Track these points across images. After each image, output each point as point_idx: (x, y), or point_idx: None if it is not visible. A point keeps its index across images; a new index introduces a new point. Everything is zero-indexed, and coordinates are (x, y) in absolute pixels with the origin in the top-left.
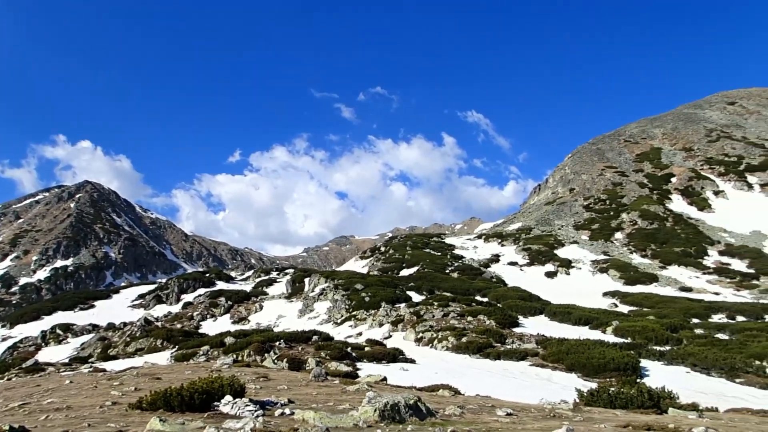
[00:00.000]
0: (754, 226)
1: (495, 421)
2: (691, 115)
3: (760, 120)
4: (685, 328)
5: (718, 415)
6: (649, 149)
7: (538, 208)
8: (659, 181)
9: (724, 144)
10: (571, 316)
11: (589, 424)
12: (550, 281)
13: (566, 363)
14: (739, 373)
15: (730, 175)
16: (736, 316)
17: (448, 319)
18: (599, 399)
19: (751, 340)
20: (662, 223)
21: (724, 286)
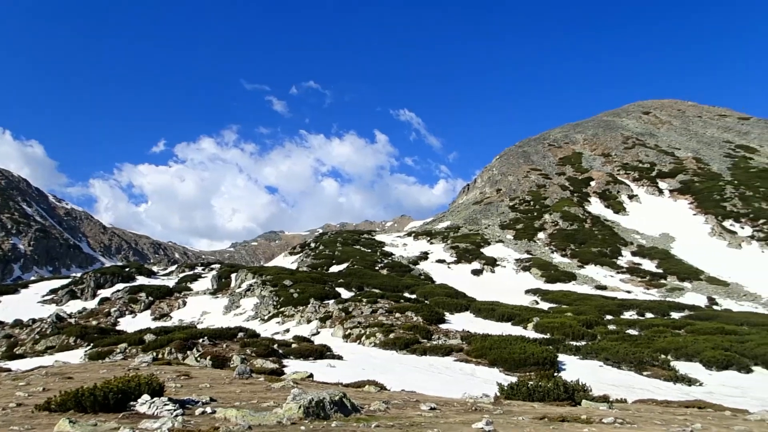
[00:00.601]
0: (663, 229)
1: (419, 415)
2: (610, 122)
3: (671, 130)
4: (600, 324)
5: (626, 406)
6: (571, 153)
7: (466, 208)
8: (580, 185)
9: (638, 151)
10: (495, 312)
11: (508, 417)
12: (476, 279)
13: (489, 358)
14: (646, 366)
15: (643, 181)
16: (646, 312)
17: (377, 316)
18: (519, 392)
19: (658, 336)
20: (581, 225)
21: (635, 285)
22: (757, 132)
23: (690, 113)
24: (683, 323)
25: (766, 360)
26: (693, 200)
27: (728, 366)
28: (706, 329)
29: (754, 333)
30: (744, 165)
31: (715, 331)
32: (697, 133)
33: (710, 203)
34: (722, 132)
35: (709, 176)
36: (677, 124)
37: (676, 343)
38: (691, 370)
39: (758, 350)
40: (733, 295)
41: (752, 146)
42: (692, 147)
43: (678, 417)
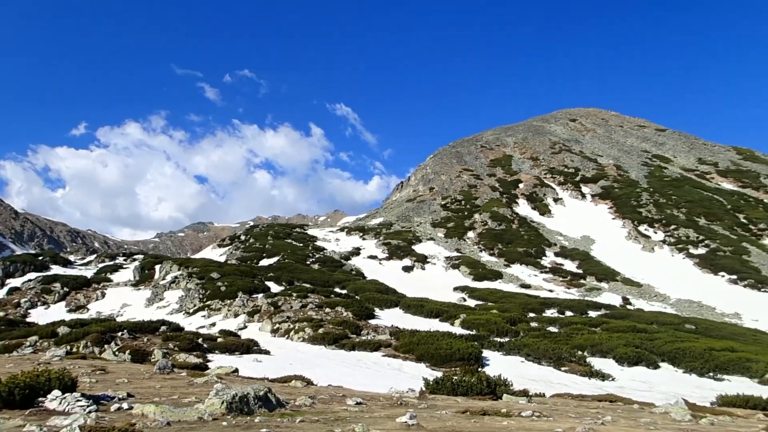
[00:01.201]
0: (584, 232)
1: (344, 410)
2: (539, 127)
3: (595, 138)
4: (523, 321)
5: (544, 400)
6: (502, 156)
7: (399, 205)
8: (509, 186)
9: (564, 156)
10: (424, 308)
11: (432, 411)
12: (406, 275)
13: (416, 353)
14: (564, 362)
15: (568, 185)
16: (566, 311)
17: (306, 311)
18: (443, 387)
19: (576, 333)
20: (509, 225)
21: (557, 284)
22: (672, 143)
23: (612, 122)
24: (599, 321)
25: (672, 357)
26: (612, 205)
27: (638, 362)
28: (620, 327)
29: (662, 331)
30: (659, 174)
31: (628, 329)
32: (618, 142)
33: (628, 209)
34: (641, 142)
35: (627, 183)
36: (601, 132)
37: (592, 341)
38: (605, 365)
39: (665, 348)
40: (645, 295)
41: (667, 156)
42: (613, 155)
43: (591, 410)
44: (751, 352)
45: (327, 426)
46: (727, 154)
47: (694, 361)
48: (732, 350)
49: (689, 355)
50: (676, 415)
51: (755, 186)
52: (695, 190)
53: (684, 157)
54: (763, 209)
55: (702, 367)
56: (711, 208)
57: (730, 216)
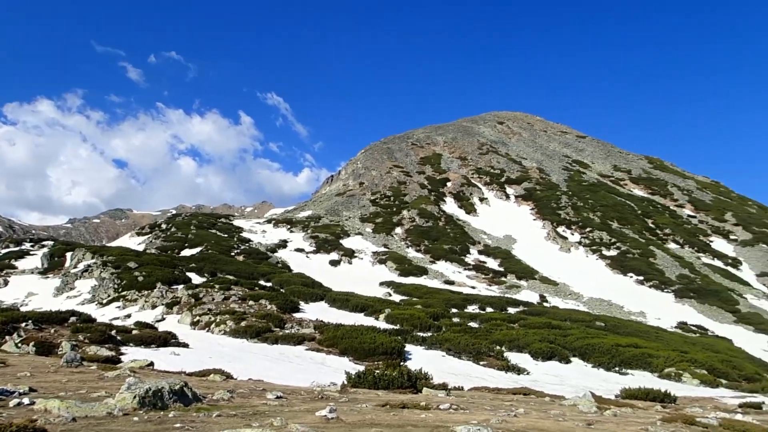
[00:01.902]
0: (507, 231)
1: (264, 404)
2: (468, 128)
3: (520, 141)
4: (446, 316)
5: (462, 393)
6: (432, 154)
7: (329, 198)
8: (437, 184)
9: (491, 158)
10: (350, 303)
11: (353, 405)
12: (333, 269)
13: (340, 347)
14: (483, 356)
15: (493, 185)
16: (486, 307)
17: (229, 303)
18: (365, 381)
19: (495, 329)
20: (436, 222)
21: (479, 281)
22: (591, 150)
23: (537, 127)
24: (518, 318)
25: (582, 352)
26: (534, 206)
27: (552, 357)
28: (536, 324)
29: (574, 328)
30: (578, 178)
31: (544, 325)
32: (542, 146)
33: (548, 210)
34: (562, 147)
35: (548, 186)
36: (526, 136)
37: (510, 336)
38: (522, 360)
39: (577, 343)
40: (560, 293)
41: (586, 162)
42: (537, 158)
43: (505, 403)
44: (653, 348)
45: (245, 420)
46: (639, 162)
47: (602, 357)
48: (636, 346)
49: (598, 350)
50: (583, 407)
51: (663, 194)
52: (610, 195)
53: (601, 164)
54: (669, 215)
55: (609, 362)
56: (623, 213)
57: (639, 221)
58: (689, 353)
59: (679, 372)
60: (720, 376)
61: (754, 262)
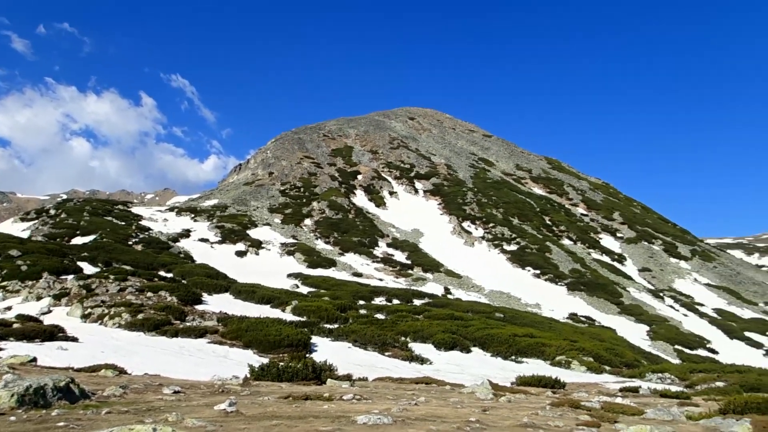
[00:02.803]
0: (415, 225)
1: (159, 399)
2: (380, 122)
3: (430, 137)
4: (353, 308)
5: (367, 383)
6: (344, 146)
7: (236, 187)
8: (348, 177)
9: (402, 152)
10: (256, 294)
11: (254, 398)
12: (240, 260)
13: (244, 340)
14: (389, 347)
15: (403, 180)
16: (393, 299)
17: (125, 295)
18: (269, 373)
19: (401, 320)
20: (346, 215)
21: (387, 274)
22: (496, 149)
23: (447, 125)
24: (423, 309)
25: (482, 342)
26: (441, 201)
27: (454, 347)
28: (440, 315)
29: (475, 319)
30: (483, 176)
31: (447, 317)
32: (450, 143)
33: (454, 206)
34: (469, 145)
35: (455, 182)
36: (435, 133)
37: (415, 327)
38: (425, 350)
39: (477, 334)
40: (464, 286)
41: (491, 160)
42: (445, 155)
43: (408, 392)
44: (546, 338)
45: (137, 417)
46: (539, 162)
47: (500, 346)
48: (531, 336)
49: (497, 340)
50: (480, 394)
51: (560, 193)
52: (512, 193)
53: (505, 162)
54: (564, 213)
55: (506, 351)
56: (524, 210)
57: (538, 218)
58: (578, 342)
59: (569, 360)
60: (604, 363)
61: (636, 258)
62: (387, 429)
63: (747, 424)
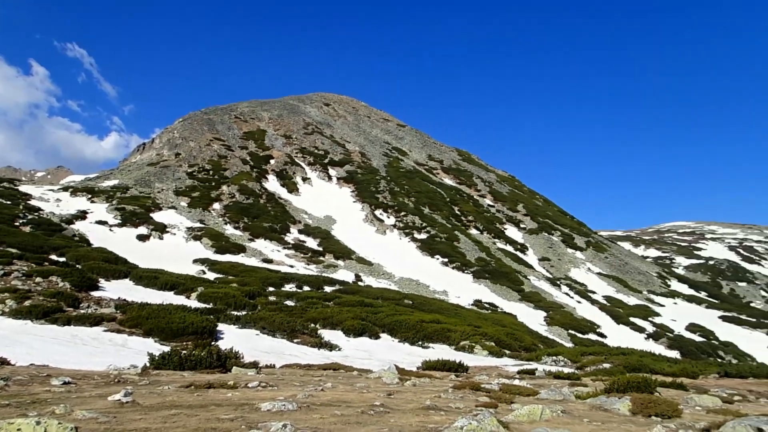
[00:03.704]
0: (327, 212)
1: (47, 391)
2: (294, 107)
3: (345, 124)
4: (262, 295)
5: (273, 370)
6: (256, 130)
7: (139, 168)
8: (260, 161)
9: (316, 138)
10: (158, 280)
11: (154, 387)
12: (142, 244)
13: (145, 328)
14: (297, 334)
15: (316, 166)
16: (304, 286)
17: (10, 279)
18: (170, 362)
19: (311, 307)
20: (257, 200)
21: (298, 260)
22: (409, 139)
23: (362, 112)
24: (333, 296)
25: (391, 328)
26: (355, 189)
27: (363, 333)
28: (350, 302)
29: (385, 306)
30: (396, 165)
31: (357, 303)
32: (365, 131)
33: (367, 193)
34: (384, 134)
35: (369, 170)
36: (350, 120)
37: (324, 314)
38: (335, 336)
39: (386, 320)
40: (374, 273)
41: (404, 150)
42: (360, 142)
43: (315, 378)
44: (452, 324)
45: (20, 410)
46: (450, 154)
47: (408, 332)
48: (438, 322)
49: (405, 326)
50: (386, 379)
51: (469, 184)
52: (424, 183)
53: (417, 153)
54: (472, 204)
55: (414, 337)
56: (434, 200)
57: (448, 207)
58: (481, 328)
59: (472, 345)
60: (505, 347)
61: (537, 248)
62: (292, 415)
63: (627, 402)
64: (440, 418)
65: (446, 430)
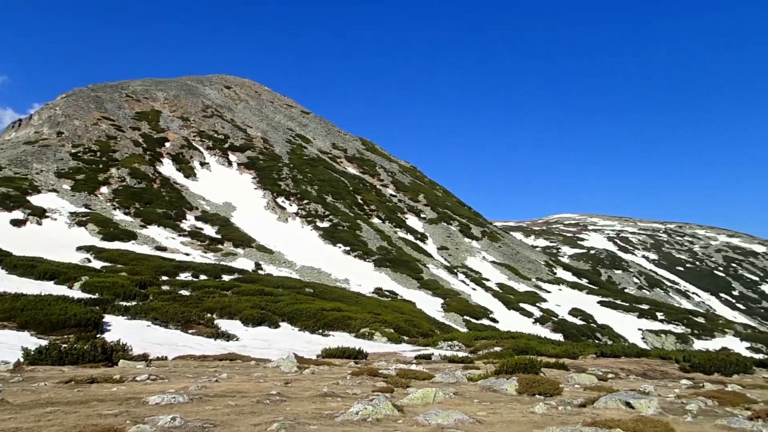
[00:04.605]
0: (227, 198)
1: None
2: (193, 88)
3: (247, 108)
4: (154, 284)
5: (165, 363)
6: (150, 110)
7: (14, 146)
8: (154, 143)
9: (216, 122)
10: (36, 269)
11: (28, 384)
12: (17, 230)
13: (20, 320)
14: (193, 324)
15: (216, 150)
16: (200, 274)
17: None
18: (48, 356)
19: (208, 296)
20: (150, 184)
21: (194, 248)
22: (313, 126)
23: (265, 97)
24: (232, 285)
25: (291, 317)
26: (256, 176)
27: (262, 323)
28: (250, 291)
29: (285, 294)
30: (299, 152)
31: (257, 292)
32: (268, 117)
33: (269, 180)
34: (287, 120)
35: (271, 157)
36: (253, 104)
37: (222, 303)
38: (233, 326)
39: (286, 309)
40: (275, 261)
41: (308, 137)
42: (262, 128)
43: (210, 369)
44: (352, 312)
45: None
46: (354, 143)
47: (308, 320)
48: (339, 310)
49: (305, 315)
50: (285, 368)
51: (372, 173)
52: (327, 171)
53: (321, 141)
54: (375, 194)
55: (314, 325)
56: (337, 188)
57: (351, 196)
58: (381, 315)
59: (372, 332)
60: (404, 333)
61: (436, 237)
62: (182, 408)
63: (514, 382)
64: (337, 404)
65: (342, 416)
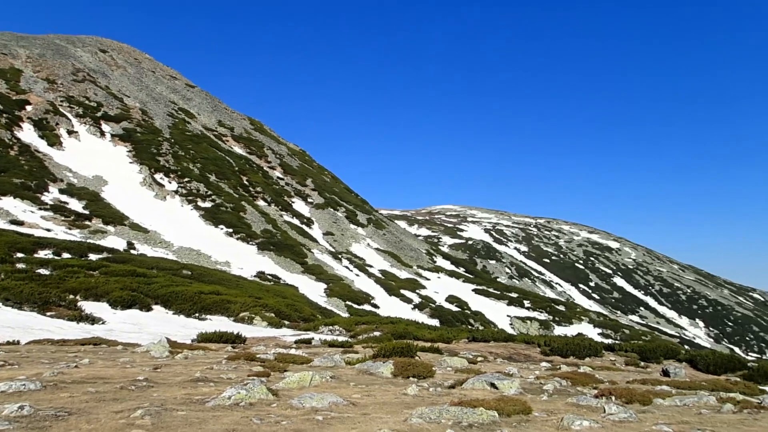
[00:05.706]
0: (98, 171)
1: None
2: (62, 48)
3: (124, 76)
4: (8, 261)
5: (17, 347)
6: (9, 68)
7: None
8: (13, 105)
9: (88, 87)
10: None
11: None
12: None
13: None
14: (52, 306)
15: (87, 119)
16: (63, 252)
17: None
18: None
19: (71, 276)
20: (6, 150)
21: (57, 224)
22: (198, 101)
23: (146, 66)
24: (99, 264)
25: (165, 300)
26: (132, 149)
27: (132, 305)
28: (120, 271)
29: (160, 276)
30: (182, 127)
31: (128, 273)
32: (148, 87)
33: (147, 155)
34: (170, 92)
35: (151, 130)
36: (132, 72)
37: (87, 284)
38: (99, 309)
39: (161, 291)
40: (150, 241)
41: (192, 112)
42: (141, 98)
43: (69, 354)
44: (232, 295)
45: None
46: (242, 122)
47: (184, 304)
48: (218, 293)
49: (181, 298)
50: (155, 353)
51: (259, 154)
52: (212, 149)
53: (207, 117)
54: (261, 175)
55: (191, 309)
56: (222, 168)
57: (236, 177)
58: (263, 299)
59: (252, 316)
60: (285, 318)
61: (322, 222)
62: (33, 395)
63: (390, 365)
64: (209, 389)
65: (213, 401)
